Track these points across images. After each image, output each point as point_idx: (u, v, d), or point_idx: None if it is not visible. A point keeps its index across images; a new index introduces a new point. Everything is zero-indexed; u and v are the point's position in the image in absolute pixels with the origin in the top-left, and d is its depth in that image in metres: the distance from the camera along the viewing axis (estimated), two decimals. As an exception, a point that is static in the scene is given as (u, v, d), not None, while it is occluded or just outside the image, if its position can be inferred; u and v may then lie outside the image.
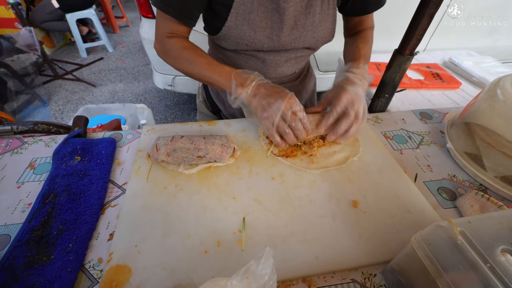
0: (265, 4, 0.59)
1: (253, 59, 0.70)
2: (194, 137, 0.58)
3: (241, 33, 0.61)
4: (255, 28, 0.61)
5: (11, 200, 0.52)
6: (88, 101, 2.62)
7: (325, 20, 0.65)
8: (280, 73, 0.75)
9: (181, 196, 0.52)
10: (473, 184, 0.60)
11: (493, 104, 0.58)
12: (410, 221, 0.50)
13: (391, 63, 0.73)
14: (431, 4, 0.60)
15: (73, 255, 0.43)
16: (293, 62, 0.74)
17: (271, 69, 0.73)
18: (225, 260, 0.43)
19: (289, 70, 0.76)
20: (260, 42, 0.63)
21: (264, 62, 0.71)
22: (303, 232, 0.48)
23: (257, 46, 0.64)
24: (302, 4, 0.61)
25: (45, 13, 2.94)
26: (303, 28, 0.64)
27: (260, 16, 0.60)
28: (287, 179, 0.57)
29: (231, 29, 0.61)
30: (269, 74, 0.75)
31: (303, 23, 0.63)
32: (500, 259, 0.28)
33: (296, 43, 0.66)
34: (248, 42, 0.63)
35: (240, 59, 0.72)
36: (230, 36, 0.63)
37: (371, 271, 0.44)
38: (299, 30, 0.64)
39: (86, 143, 0.61)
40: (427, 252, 0.33)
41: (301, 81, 0.85)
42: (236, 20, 0.60)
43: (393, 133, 0.73)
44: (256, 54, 0.68)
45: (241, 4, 0.58)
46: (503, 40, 2.16)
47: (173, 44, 0.63)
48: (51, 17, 2.99)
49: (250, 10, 0.59)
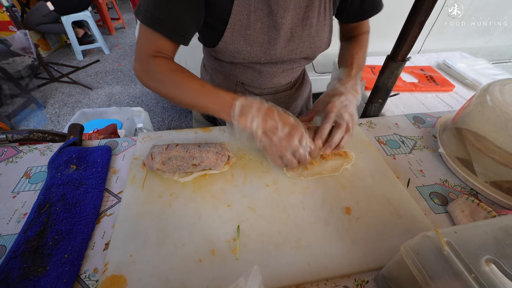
0: (262, 20, 0.58)
1: (250, 70, 0.71)
2: (188, 145, 0.58)
3: (238, 48, 0.61)
4: (252, 44, 0.60)
5: (7, 210, 0.52)
6: (85, 104, 2.61)
7: (321, 30, 0.65)
8: (276, 83, 0.76)
9: (176, 204, 0.53)
10: (465, 189, 0.61)
11: (482, 110, 0.59)
12: (402, 227, 0.51)
13: (384, 69, 0.74)
14: (421, 12, 0.61)
15: (68, 266, 0.43)
16: (289, 72, 0.74)
17: (267, 79, 0.73)
18: (219, 269, 0.44)
19: (285, 80, 0.77)
20: (257, 56, 0.63)
21: (261, 73, 0.71)
22: (296, 239, 0.48)
23: (254, 60, 0.64)
24: (298, 17, 0.61)
25: (40, 15, 2.92)
26: (299, 39, 0.63)
27: (256, 31, 0.59)
28: (281, 186, 0.58)
29: (228, 44, 0.60)
30: (265, 85, 0.75)
31: (299, 34, 0.63)
32: (484, 269, 0.29)
33: (293, 54, 0.66)
34: (245, 56, 0.62)
35: (236, 70, 0.71)
36: (226, 50, 0.62)
37: (363, 277, 0.45)
38: (295, 42, 0.64)
39: (81, 152, 0.62)
40: (415, 261, 0.33)
41: (296, 89, 0.85)
42: (232, 35, 0.59)
43: (386, 138, 0.74)
44: (253, 66, 0.68)
45: (237, 20, 0.57)
46: (495, 41, 2.19)
47: (158, 65, 0.54)
48: (46, 19, 2.97)
49: (246, 26, 0.58)
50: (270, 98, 0.81)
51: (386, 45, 0.88)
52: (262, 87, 0.76)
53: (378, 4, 0.68)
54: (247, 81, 0.74)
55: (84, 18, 3.15)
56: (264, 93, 0.79)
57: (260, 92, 0.78)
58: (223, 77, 0.77)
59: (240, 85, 0.76)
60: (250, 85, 0.76)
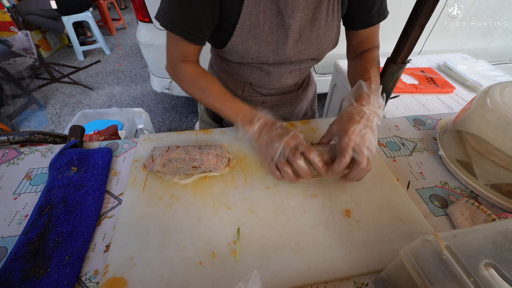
0: (271, 20, 0.59)
1: (258, 71, 0.71)
2: (189, 148, 0.58)
3: (247, 48, 0.62)
4: (261, 43, 0.61)
5: (8, 212, 0.52)
6: (86, 105, 2.62)
7: (329, 31, 0.65)
8: (284, 84, 0.76)
9: (176, 207, 0.53)
10: (465, 192, 0.61)
11: (482, 113, 0.59)
12: (402, 230, 0.51)
13: (384, 71, 0.74)
14: (422, 14, 0.61)
15: (69, 268, 0.43)
16: (296, 73, 0.75)
17: (275, 80, 0.73)
18: (219, 272, 0.44)
19: (293, 80, 0.77)
20: (266, 56, 0.64)
21: (269, 73, 0.71)
22: (296, 242, 0.48)
23: (262, 60, 0.65)
24: (307, 18, 0.61)
25: (38, 8, 2.87)
26: (307, 41, 0.64)
27: (265, 31, 0.60)
28: (281, 188, 0.58)
29: (237, 44, 0.61)
30: (273, 85, 0.75)
31: (308, 36, 0.63)
32: (483, 273, 0.29)
33: (301, 55, 0.66)
34: (254, 56, 0.63)
35: (244, 70, 0.72)
36: (235, 50, 0.63)
37: (363, 280, 0.45)
38: (303, 43, 0.64)
39: (82, 154, 0.62)
40: (414, 265, 0.34)
41: (302, 90, 0.86)
42: (242, 35, 0.60)
43: (386, 140, 0.74)
44: (261, 66, 0.69)
45: (247, 19, 0.58)
46: (496, 42, 2.19)
47: (185, 69, 0.63)
48: (43, 13, 2.92)
49: (255, 26, 0.59)
50: (277, 99, 0.82)
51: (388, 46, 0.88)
52: (270, 87, 0.76)
53: (385, 10, 0.66)
54: (255, 82, 0.75)
55: (85, 19, 3.16)
56: (271, 93, 0.80)
57: (268, 93, 0.79)
58: (231, 78, 0.78)
59: (248, 85, 0.77)
60: (258, 85, 0.76)
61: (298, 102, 0.86)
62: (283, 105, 0.84)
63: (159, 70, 2.05)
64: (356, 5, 0.64)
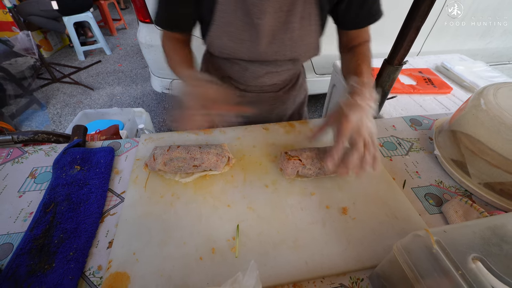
0: (241, 18, 0.61)
1: (236, 66, 0.73)
2: (190, 147, 0.60)
3: (222, 43, 0.65)
4: (235, 40, 0.64)
5: (13, 210, 0.54)
6: (86, 105, 2.64)
7: (306, 35, 0.65)
8: (261, 82, 0.78)
9: (177, 204, 0.55)
10: (459, 190, 0.63)
11: (476, 114, 0.60)
12: (397, 227, 0.53)
13: (381, 72, 0.75)
14: (417, 17, 0.62)
15: (73, 263, 0.45)
16: (274, 74, 0.75)
17: (252, 77, 0.75)
18: (219, 267, 0.45)
19: (270, 81, 0.78)
20: (241, 52, 0.66)
21: (246, 70, 0.73)
22: (294, 239, 0.50)
23: (238, 56, 0.67)
24: (280, 20, 0.62)
25: (39, 9, 2.89)
26: (281, 42, 0.65)
27: (238, 29, 0.62)
28: (280, 186, 0.59)
29: (214, 39, 0.65)
30: (250, 82, 0.77)
31: (281, 38, 0.64)
32: (471, 267, 0.30)
33: (277, 55, 0.67)
34: (230, 52, 0.66)
35: (225, 64, 0.75)
36: (213, 45, 0.66)
37: (358, 275, 0.47)
38: (277, 44, 0.65)
39: (85, 153, 0.63)
40: (406, 259, 0.35)
41: (285, 92, 0.85)
42: (217, 31, 0.63)
43: (383, 139, 0.76)
44: (239, 62, 0.71)
45: (221, 17, 0.61)
46: (495, 42, 2.20)
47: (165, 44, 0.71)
48: (44, 14, 2.94)
49: (229, 23, 0.62)
50: (255, 96, 0.83)
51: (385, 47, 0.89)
52: (247, 83, 0.79)
53: (376, 12, 0.64)
54: (234, 76, 0.78)
55: (86, 19, 3.18)
56: (248, 90, 0.81)
57: (245, 89, 0.81)
58: (214, 69, 0.81)
59: (227, 79, 0.80)
60: (236, 80, 0.79)
61: (278, 104, 0.86)
62: (260, 104, 0.85)
63: (160, 70, 2.06)
64: (344, 6, 0.63)
